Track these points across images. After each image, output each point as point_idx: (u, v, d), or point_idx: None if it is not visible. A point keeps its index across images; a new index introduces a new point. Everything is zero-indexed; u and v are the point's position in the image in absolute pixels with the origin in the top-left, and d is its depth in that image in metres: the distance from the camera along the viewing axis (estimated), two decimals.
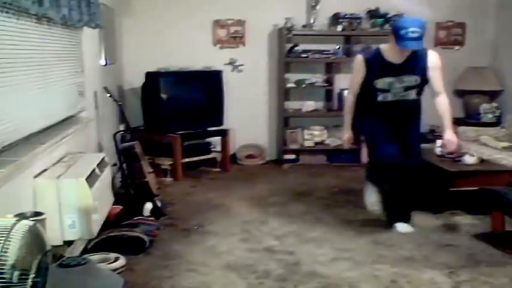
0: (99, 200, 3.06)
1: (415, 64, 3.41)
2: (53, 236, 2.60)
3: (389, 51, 3.41)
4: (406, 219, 3.66)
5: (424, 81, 3.47)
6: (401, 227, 3.62)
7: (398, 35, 3.24)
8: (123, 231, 3.33)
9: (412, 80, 3.43)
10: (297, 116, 5.89)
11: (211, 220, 3.94)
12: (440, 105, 3.57)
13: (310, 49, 5.70)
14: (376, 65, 3.41)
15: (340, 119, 5.88)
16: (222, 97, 5.51)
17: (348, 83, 3.77)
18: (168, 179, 5.17)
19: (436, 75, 3.49)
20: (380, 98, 3.45)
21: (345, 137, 3.74)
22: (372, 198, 3.74)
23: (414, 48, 3.30)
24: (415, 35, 3.23)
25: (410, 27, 3.21)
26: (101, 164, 3.35)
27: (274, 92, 5.93)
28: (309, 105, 5.86)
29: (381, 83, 3.41)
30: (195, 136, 5.41)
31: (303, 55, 5.66)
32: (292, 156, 5.91)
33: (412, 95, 3.49)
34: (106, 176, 3.40)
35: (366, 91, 3.51)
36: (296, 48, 5.65)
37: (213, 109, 5.46)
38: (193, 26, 5.68)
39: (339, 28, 5.62)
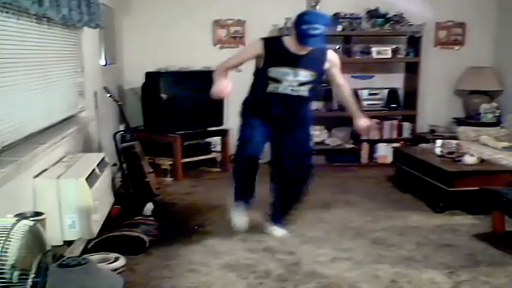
0: (99, 200, 3.06)
1: (314, 60, 3.23)
2: (53, 236, 2.60)
3: (292, 42, 3.19)
4: (280, 222, 3.61)
5: (319, 79, 3.30)
6: (277, 230, 3.59)
7: (299, 30, 3.07)
8: (123, 231, 3.33)
9: (308, 75, 3.21)
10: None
11: (211, 220, 3.94)
12: (345, 93, 3.49)
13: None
14: (274, 51, 3.21)
15: (340, 119, 5.94)
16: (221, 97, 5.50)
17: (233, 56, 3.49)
18: (168, 179, 5.17)
19: (338, 71, 3.41)
20: (270, 88, 3.23)
21: (218, 83, 3.36)
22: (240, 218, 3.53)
23: (313, 45, 3.11)
24: (317, 31, 3.02)
25: (313, 23, 3.02)
26: (101, 164, 3.36)
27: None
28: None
29: (274, 71, 3.19)
30: (195, 136, 5.40)
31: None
32: None
33: (304, 91, 3.25)
34: (106, 176, 3.40)
35: (257, 79, 3.34)
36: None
37: (213, 109, 5.46)
38: (193, 26, 5.67)
39: (339, 28, 5.61)
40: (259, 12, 5.74)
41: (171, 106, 5.19)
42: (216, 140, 5.65)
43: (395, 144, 5.81)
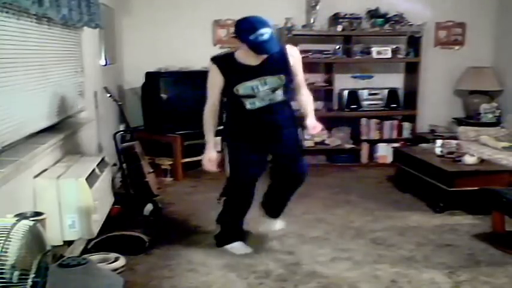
0: (99, 200, 3.07)
1: (276, 63, 3.02)
2: (53, 236, 2.60)
3: (245, 54, 2.99)
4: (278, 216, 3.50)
5: (289, 79, 3.08)
6: (276, 223, 3.50)
7: (249, 42, 2.86)
8: (123, 231, 3.33)
9: (277, 80, 3.01)
10: (297, 116, 5.88)
11: (211, 220, 3.93)
12: (306, 97, 3.23)
13: (310, 49, 5.70)
14: (231, 70, 3.04)
15: (340, 119, 5.95)
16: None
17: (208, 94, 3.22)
18: (168, 179, 5.17)
19: (299, 69, 3.16)
20: (248, 106, 3.02)
21: (207, 157, 3.18)
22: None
23: (274, 51, 2.92)
24: (267, 36, 2.84)
25: (259, 29, 2.84)
26: (101, 164, 3.36)
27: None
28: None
29: (242, 88, 2.99)
30: (195, 136, 5.37)
31: (303, 55, 5.61)
32: None
33: (279, 95, 3.05)
34: (106, 176, 3.40)
35: (232, 103, 3.13)
36: (296, 48, 5.64)
37: None
38: (193, 26, 5.67)
39: (339, 28, 5.61)
40: (259, 12, 5.65)
41: (171, 106, 5.19)
42: (216, 140, 5.64)
43: (395, 144, 5.81)
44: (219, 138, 5.52)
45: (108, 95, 4.43)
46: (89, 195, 2.86)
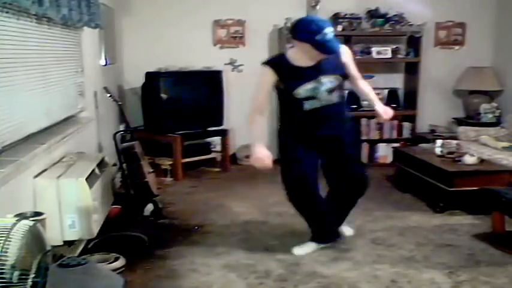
0: (99, 200, 3.07)
1: (331, 63, 3.01)
2: (53, 236, 2.60)
3: (300, 56, 2.99)
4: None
5: (344, 77, 3.11)
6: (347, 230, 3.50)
7: (316, 42, 2.84)
8: (123, 231, 3.33)
9: (333, 79, 3.02)
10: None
11: (211, 220, 3.94)
12: (363, 86, 3.25)
13: None
14: (289, 73, 3.01)
15: None
16: (222, 97, 5.51)
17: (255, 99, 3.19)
18: (168, 179, 5.17)
19: (351, 63, 3.19)
20: (307, 106, 3.01)
21: (260, 154, 3.07)
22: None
23: (336, 50, 2.95)
24: (331, 35, 2.86)
25: (325, 29, 2.84)
26: (101, 164, 3.36)
27: (274, 92, 5.91)
28: None
29: (303, 90, 2.98)
30: (195, 136, 5.41)
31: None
32: None
33: (335, 95, 3.06)
34: (106, 176, 3.40)
35: (287, 104, 3.13)
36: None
37: (213, 109, 5.46)
38: (193, 26, 5.67)
39: (339, 28, 5.61)
40: (259, 12, 5.74)
41: (171, 106, 5.19)
42: (216, 140, 5.66)
43: (395, 144, 5.82)
44: (217, 138, 5.52)
45: (108, 95, 4.43)
46: (89, 195, 2.86)
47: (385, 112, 3.14)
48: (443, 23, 6.06)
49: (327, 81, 3.00)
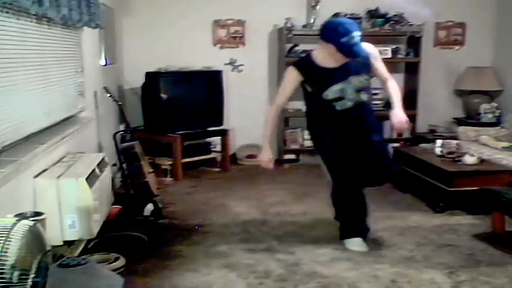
0: (99, 200, 3.06)
1: (358, 64, 3.03)
2: (53, 236, 2.60)
3: (327, 58, 3.01)
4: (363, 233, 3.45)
5: (371, 77, 3.16)
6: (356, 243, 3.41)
7: (341, 45, 2.87)
8: (123, 231, 3.33)
9: (362, 79, 3.06)
10: (297, 116, 5.88)
11: (211, 220, 3.94)
12: (392, 87, 3.25)
13: (310, 49, 5.67)
14: (315, 75, 3.05)
15: None
16: (222, 97, 5.51)
17: (278, 94, 3.28)
18: (168, 179, 5.17)
19: (380, 64, 3.20)
20: (338, 107, 3.07)
21: (263, 157, 3.27)
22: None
23: (361, 54, 2.96)
24: (358, 39, 2.87)
25: (350, 33, 2.85)
26: (101, 164, 3.35)
27: (274, 92, 5.91)
28: None
29: (331, 93, 3.02)
30: (195, 136, 5.41)
31: (303, 55, 5.65)
32: (292, 156, 5.91)
33: (364, 96, 3.11)
34: (106, 176, 3.40)
35: (318, 106, 3.16)
36: (296, 48, 5.65)
37: (213, 109, 5.46)
38: (193, 26, 5.67)
39: None
40: (259, 12, 5.74)
41: (171, 106, 5.19)
42: (216, 140, 5.66)
43: (395, 144, 5.81)
44: (217, 138, 5.53)
45: (108, 95, 4.43)
46: (89, 195, 2.86)
47: (396, 116, 3.14)
48: (443, 23, 6.06)
49: (356, 81, 3.04)
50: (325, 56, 3.02)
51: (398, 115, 3.14)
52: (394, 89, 3.27)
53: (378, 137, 3.32)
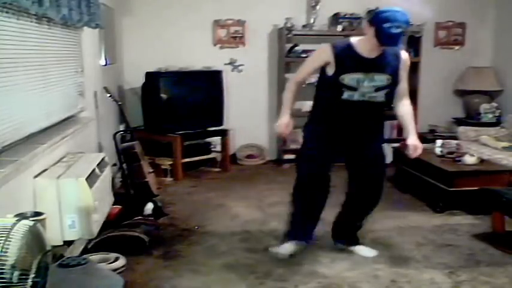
0: (99, 200, 3.06)
1: (388, 61, 2.95)
2: (53, 236, 2.60)
3: (363, 44, 2.93)
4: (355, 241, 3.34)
5: (395, 82, 3.01)
6: (367, 251, 3.30)
7: (380, 29, 2.78)
8: (123, 231, 3.33)
9: (384, 79, 2.94)
10: (297, 116, 5.86)
11: (211, 220, 3.94)
12: (406, 109, 3.13)
13: (310, 49, 5.69)
14: (345, 58, 2.93)
15: None
16: (222, 97, 5.51)
17: (300, 69, 3.16)
18: (168, 179, 5.17)
19: (406, 76, 3.09)
20: (345, 96, 2.94)
21: (281, 120, 3.12)
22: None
23: (393, 45, 2.86)
24: (399, 30, 2.76)
25: (396, 22, 2.75)
26: (101, 164, 3.35)
27: (274, 92, 5.93)
28: (309, 105, 5.84)
29: (349, 78, 2.91)
30: (195, 136, 5.41)
31: (303, 55, 5.65)
32: (292, 156, 5.90)
33: (381, 97, 2.98)
34: (106, 176, 3.40)
35: (328, 89, 3.03)
36: (296, 48, 5.65)
37: (213, 109, 5.46)
38: (193, 26, 5.67)
39: (339, 28, 5.62)
40: (259, 12, 5.75)
41: (171, 106, 5.20)
42: (216, 140, 5.66)
43: (395, 144, 5.80)
44: (217, 138, 5.49)
45: (108, 95, 4.43)
46: (89, 195, 2.86)
47: (415, 149, 3.05)
48: (443, 23, 6.07)
49: (378, 78, 2.93)
50: (362, 44, 2.93)
51: (415, 145, 3.06)
52: (409, 112, 3.13)
53: (377, 145, 3.17)
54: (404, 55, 3.03)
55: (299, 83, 3.13)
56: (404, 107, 3.13)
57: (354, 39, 3.00)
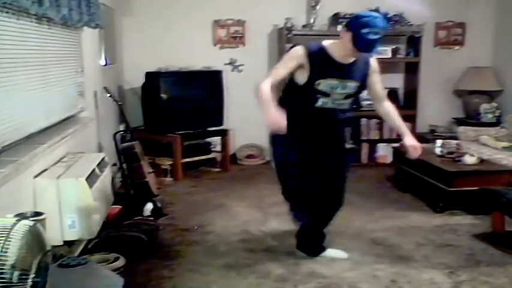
0: (99, 200, 3.07)
1: (359, 68, 2.87)
2: (53, 236, 2.60)
3: (338, 48, 2.80)
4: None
5: (361, 90, 2.95)
6: (339, 252, 3.27)
7: (358, 34, 2.66)
8: (123, 231, 3.33)
9: (355, 86, 2.86)
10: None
11: (211, 220, 3.94)
12: (390, 111, 3.05)
13: None
14: (320, 61, 2.80)
15: None
16: (222, 97, 5.51)
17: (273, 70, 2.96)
18: (168, 179, 5.17)
19: (379, 79, 3.01)
20: (319, 103, 2.84)
21: (272, 116, 2.68)
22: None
23: (371, 52, 2.76)
24: (377, 36, 2.66)
25: (375, 28, 2.64)
26: (101, 164, 3.36)
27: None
28: None
29: (324, 84, 2.79)
30: (195, 136, 5.41)
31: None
32: None
33: (347, 104, 2.92)
34: (106, 176, 3.40)
35: (301, 93, 2.89)
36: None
37: (213, 109, 5.46)
38: (193, 26, 5.67)
39: (339, 28, 5.60)
40: (259, 12, 5.75)
41: (171, 106, 5.20)
42: (216, 140, 5.66)
43: (395, 144, 5.80)
44: (217, 138, 5.51)
45: (108, 95, 4.43)
46: (89, 195, 2.86)
47: (415, 149, 2.99)
48: (443, 23, 6.06)
49: (350, 85, 2.85)
50: (336, 48, 2.82)
51: (414, 145, 3.00)
52: (393, 111, 3.06)
53: (341, 150, 3.11)
54: (373, 61, 2.96)
55: (273, 87, 2.86)
56: (386, 108, 3.06)
57: (326, 43, 2.88)
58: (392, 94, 5.91)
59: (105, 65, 4.61)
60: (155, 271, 3.00)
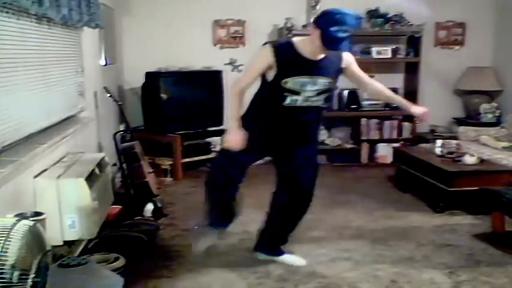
0: (99, 200, 3.06)
1: (330, 64, 2.79)
2: (53, 236, 2.60)
3: (307, 45, 2.74)
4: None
5: (334, 84, 2.89)
6: (297, 259, 3.19)
7: (326, 31, 2.60)
8: (123, 231, 3.33)
9: (326, 82, 2.78)
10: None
11: None
12: (379, 87, 3.03)
13: None
14: (288, 59, 2.73)
15: (339, 119, 5.94)
16: (222, 97, 5.51)
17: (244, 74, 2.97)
18: (168, 179, 5.17)
19: (357, 68, 2.97)
20: (288, 101, 2.75)
21: (232, 136, 2.79)
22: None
23: (341, 50, 2.74)
24: (345, 34, 2.63)
25: (344, 25, 2.61)
26: (101, 164, 3.35)
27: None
28: None
29: (293, 82, 2.72)
30: (195, 136, 5.41)
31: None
32: None
33: (320, 101, 2.82)
34: (106, 176, 3.40)
35: (270, 92, 2.83)
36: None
37: (213, 109, 5.46)
38: (193, 26, 5.68)
39: None
40: (259, 12, 5.74)
41: (171, 106, 5.19)
42: (216, 140, 5.65)
43: (395, 144, 5.82)
44: (217, 138, 5.48)
45: (108, 95, 4.43)
46: (89, 195, 2.86)
47: (424, 114, 3.01)
48: (443, 23, 6.06)
49: (321, 82, 2.77)
50: (305, 45, 2.75)
51: (423, 110, 3.06)
52: (383, 87, 3.05)
53: (311, 150, 3.03)
54: (346, 55, 2.89)
55: (244, 88, 2.87)
56: (375, 86, 3.03)
57: (296, 39, 2.83)
58: None
59: (105, 65, 4.61)
60: (155, 271, 3.00)
